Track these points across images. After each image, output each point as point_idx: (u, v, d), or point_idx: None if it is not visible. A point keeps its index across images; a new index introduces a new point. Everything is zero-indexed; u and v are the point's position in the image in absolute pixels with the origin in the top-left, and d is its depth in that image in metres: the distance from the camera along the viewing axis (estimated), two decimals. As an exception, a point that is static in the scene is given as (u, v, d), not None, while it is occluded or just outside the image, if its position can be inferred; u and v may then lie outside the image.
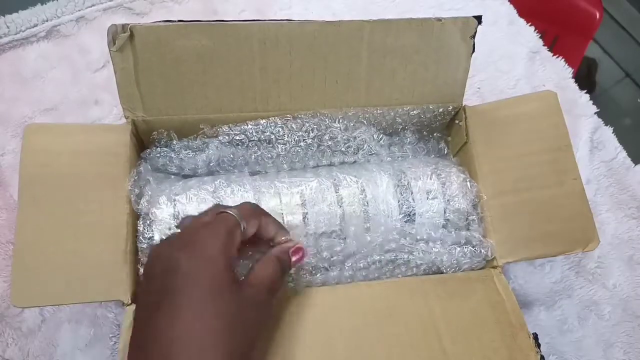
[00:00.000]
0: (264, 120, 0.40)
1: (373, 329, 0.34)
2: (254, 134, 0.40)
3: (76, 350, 0.45)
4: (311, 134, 0.41)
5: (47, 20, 0.56)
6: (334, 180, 0.40)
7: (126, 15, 0.59)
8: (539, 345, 0.35)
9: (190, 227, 0.31)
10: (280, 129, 0.40)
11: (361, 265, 0.38)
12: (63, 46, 0.56)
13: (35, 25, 0.55)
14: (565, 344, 0.49)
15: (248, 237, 0.32)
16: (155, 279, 0.28)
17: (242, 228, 0.31)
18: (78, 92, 0.54)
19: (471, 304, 0.36)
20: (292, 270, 0.36)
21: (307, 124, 0.40)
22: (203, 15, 0.60)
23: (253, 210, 0.33)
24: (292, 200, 0.38)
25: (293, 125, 0.40)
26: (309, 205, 0.38)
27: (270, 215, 0.34)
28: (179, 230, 0.33)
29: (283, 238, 0.34)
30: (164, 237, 0.36)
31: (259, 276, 0.31)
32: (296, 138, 0.40)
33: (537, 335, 0.35)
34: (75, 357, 0.44)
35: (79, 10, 0.57)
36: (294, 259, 0.34)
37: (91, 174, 0.37)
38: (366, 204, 0.39)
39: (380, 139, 0.43)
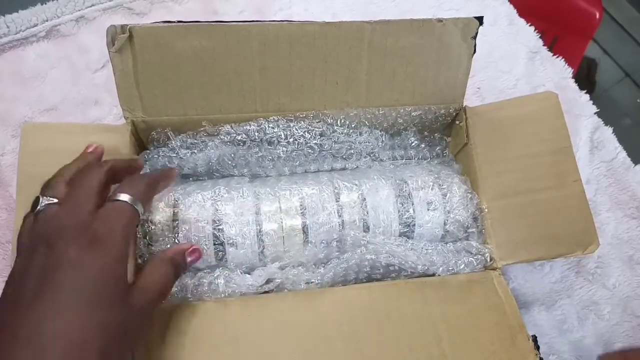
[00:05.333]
0: (265, 120, 0.40)
1: (372, 332, 0.34)
2: (256, 134, 0.40)
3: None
4: (314, 138, 0.41)
5: (47, 20, 0.56)
6: (335, 188, 0.39)
7: (126, 15, 0.59)
8: (538, 348, 0.35)
9: (79, 212, 0.28)
10: (283, 131, 0.40)
11: (358, 275, 0.38)
12: (63, 46, 0.56)
13: (35, 25, 0.55)
14: (564, 343, 0.49)
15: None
16: (34, 263, 0.26)
17: (140, 214, 0.30)
18: (78, 92, 0.54)
19: (470, 307, 0.36)
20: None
21: (310, 126, 0.40)
22: (203, 15, 0.60)
23: (147, 186, 0.32)
24: (291, 209, 0.38)
25: (296, 128, 0.40)
26: (309, 214, 0.38)
27: (160, 177, 0.34)
28: (51, 201, 0.29)
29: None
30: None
31: (149, 281, 0.30)
32: (298, 140, 0.40)
33: (536, 337, 0.35)
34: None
35: (79, 10, 0.57)
36: (189, 259, 0.34)
37: None
38: (366, 213, 0.39)
39: (383, 143, 0.43)
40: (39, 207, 0.29)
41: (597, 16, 0.96)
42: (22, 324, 0.25)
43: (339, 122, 0.41)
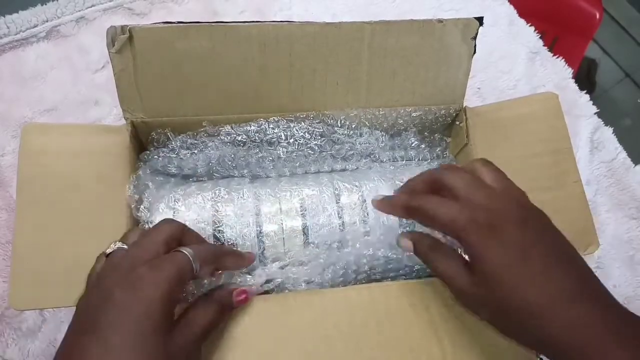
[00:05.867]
0: (266, 121, 0.40)
1: (372, 332, 0.34)
2: (256, 135, 0.40)
3: (76, 350, 0.45)
4: (314, 139, 0.40)
5: (47, 21, 0.56)
6: (335, 189, 0.39)
7: (126, 16, 0.59)
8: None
9: (137, 257, 0.29)
10: (283, 131, 0.40)
11: (357, 276, 0.38)
12: (63, 46, 0.56)
13: (35, 26, 0.55)
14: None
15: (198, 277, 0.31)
16: (92, 301, 0.28)
17: (195, 271, 0.30)
18: (78, 93, 0.54)
19: None
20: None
21: (310, 127, 0.40)
22: (203, 15, 0.60)
23: (212, 253, 0.32)
24: (292, 210, 0.38)
25: (296, 128, 0.40)
26: (309, 216, 0.38)
27: (230, 253, 0.34)
28: (122, 246, 0.31)
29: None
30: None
31: (194, 321, 0.30)
32: (299, 141, 0.40)
33: None
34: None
35: (79, 11, 0.57)
36: (238, 299, 0.33)
37: (90, 175, 0.36)
38: (366, 215, 0.39)
39: (383, 143, 0.43)
40: (110, 250, 0.31)
41: (597, 16, 0.96)
42: (79, 357, 0.26)
43: (339, 122, 0.41)
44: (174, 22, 0.36)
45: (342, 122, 0.41)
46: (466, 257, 0.31)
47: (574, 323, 0.27)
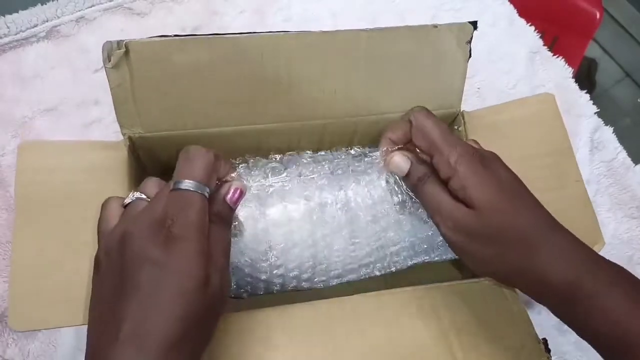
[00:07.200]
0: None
1: (382, 339, 0.34)
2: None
3: (77, 350, 0.45)
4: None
5: (47, 21, 0.56)
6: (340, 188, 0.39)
7: (126, 16, 0.59)
8: (549, 351, 0.35)
9: (159, 209, 0.28)
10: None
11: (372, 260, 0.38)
12: (63, 46, 0.56)
13: (35, 26, 0.55)
14: (565, 344, 0.49)
15: None
16: (117, 260, 0.27)
17: (207, 196, 0.29)
18: (78, 92, 0.54)
19: (480, 312, 0.36)
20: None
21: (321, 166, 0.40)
22: (203, 15, 0.60)
23: (207, 165, 0.30)
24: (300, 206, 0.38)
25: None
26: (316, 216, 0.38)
27: (220, 157, 0.32)
28: (141, 196, 0.30)
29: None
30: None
31: (212, 252, 0.28)
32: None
33: (546, 340, 0.35)
34: (75, 357, 0.44)
35: (79, 11, 0.57)
36: (232, 200, 0.32)
37: (89, 191, 0.36)
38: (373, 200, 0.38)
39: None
40: (129, 200, 0.30)
41: (598, 16, 0.96)
42: (109, 321, 0.25)
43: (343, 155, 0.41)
44: (170, 35, 0.36)
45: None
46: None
47: (559, 247, 0.31)
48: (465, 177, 0.31)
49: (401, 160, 0.34)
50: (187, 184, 0.29)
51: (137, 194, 0.30)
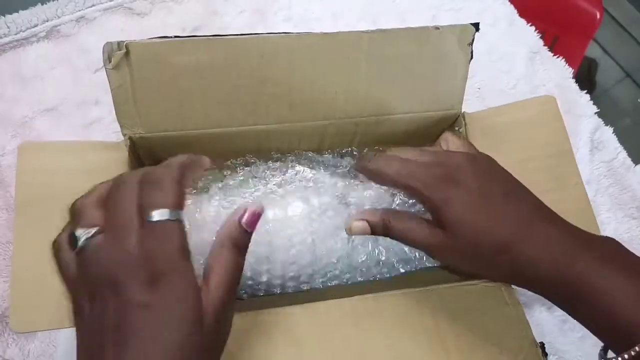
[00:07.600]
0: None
1: (379, 342, 0.34)
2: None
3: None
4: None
5: (47, 20, 0.56)
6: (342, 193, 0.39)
7: (126, 15, 0.59)
8: (546, 355, 0.35)
9: (130, 241, 0.25)
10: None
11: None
12: (63, 46, 0.56)
13: (36, 25, 0.55)
14: (565, 343, 0.49)
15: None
16: (107, 310, 0.24)
17: (183, 221, 0.26)
18: (78, 92, 0.54)
19: (478, 315, 0.36)
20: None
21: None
22: (203, 15, 0.60)
23: (177, 185, 0.27)
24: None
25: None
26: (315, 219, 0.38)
27: (187, 172, 0.29)
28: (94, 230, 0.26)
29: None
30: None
31: (214, 279, 0.27)
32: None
33: (544, 344, 0.35)
34: (75, 357, 0.44)
35: (79, 10, 0.57)
36: (247, 222, 0.29)
37: None
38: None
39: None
40: (79, 244, 0.26)
41: (598, 16, 0.96)
42: None
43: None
44: (170, 37, 0.36)
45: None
46: (427, 216, 0.33)
47: (537, 241, 0.30)
48: (432, 201, 0.32)
49: (359, 225, 0.34)
50: (160, 215, 0.25)
51: (84, 233, 0.26)
